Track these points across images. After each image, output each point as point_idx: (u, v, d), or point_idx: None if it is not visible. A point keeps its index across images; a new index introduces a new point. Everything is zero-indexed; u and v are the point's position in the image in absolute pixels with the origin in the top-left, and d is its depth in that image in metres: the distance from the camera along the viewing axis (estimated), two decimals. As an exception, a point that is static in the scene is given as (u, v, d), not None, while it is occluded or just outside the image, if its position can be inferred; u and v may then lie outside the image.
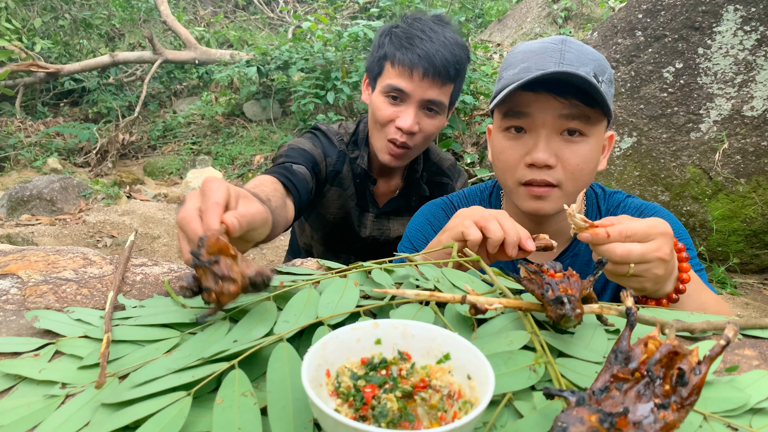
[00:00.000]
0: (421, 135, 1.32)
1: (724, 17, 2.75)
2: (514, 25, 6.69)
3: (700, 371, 0.40)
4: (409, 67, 1.25)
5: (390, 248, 1.52)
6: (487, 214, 0.80)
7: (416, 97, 1.28)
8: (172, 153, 5.93)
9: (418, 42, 1.25)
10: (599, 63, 0.96)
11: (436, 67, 1.24)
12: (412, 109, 1.29)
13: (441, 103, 1.31)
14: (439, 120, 1.34)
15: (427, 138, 1.34)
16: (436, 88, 1.28)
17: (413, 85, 1.27)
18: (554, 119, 0.93)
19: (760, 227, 2.79)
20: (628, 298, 0.53)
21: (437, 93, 1.29)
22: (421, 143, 1.35)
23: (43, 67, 5.99)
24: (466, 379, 0.45)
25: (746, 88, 2.72)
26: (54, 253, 0.83)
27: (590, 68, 0.94)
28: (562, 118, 0.93)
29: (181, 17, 7.63)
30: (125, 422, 0.43)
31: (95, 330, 0.59)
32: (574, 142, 0.95)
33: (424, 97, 1.28)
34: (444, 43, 1.26)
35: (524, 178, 0.96)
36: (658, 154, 2.90)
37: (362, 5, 7.48)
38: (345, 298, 0.64)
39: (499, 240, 0.77)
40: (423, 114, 1.31)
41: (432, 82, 1.27)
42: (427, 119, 1.32)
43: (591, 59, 0.95)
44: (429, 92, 1.28)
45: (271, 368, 0.49)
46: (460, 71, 1.31)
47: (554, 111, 0.93)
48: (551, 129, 0.94)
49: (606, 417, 0.37)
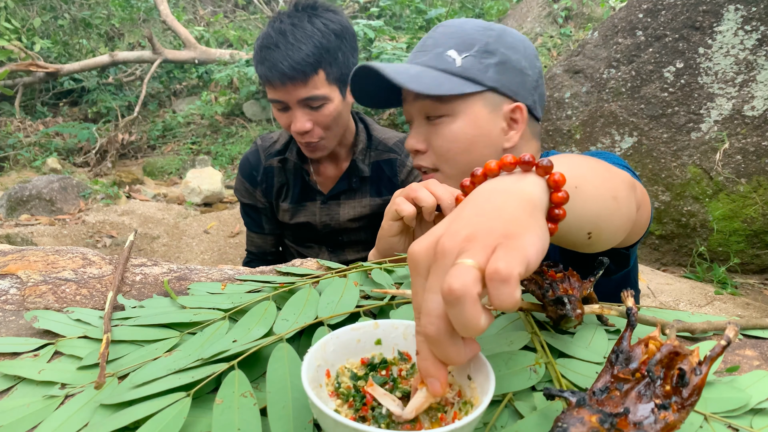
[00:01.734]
0: (318, 128, 1.33)
1: (724, 17, 2.75)
2: (515, 25, 6.69)
3: (701, 372, 0.40)
4: (267, 79, 1.28)
5: (346, 233, 1.53)
6: (416, 185, 0.79)
7: (292, 102, 1.29)
8: (172, 153, 5.93)
9: (267, 53, 1.26)
10: (465, 38, 0.95)
11: (285, 74, 1.25)
12: (297, 112, 1.31)
13: (318, 96, 1.29)
14: (330, 105, 1.32)
15: (329, 125, 1.34)
16: (301, 88, 1.27)
17: (281, 93, 1.29)
18: (409, 106, 0.98)
19: (760, 227, 2.79)
20: (629, 298, 0.52)
21: (306, 90, 1.28)
22: (328, 132, 1.36)
23: (42, 67, 5.99)
24: (467, 379, 0.45)
25: (747, 88, 2.72)
26: (53, 253, 0.83)
27: (449, 47, 0.95)
28: (414, 103, 0.97)
29: (180, 17, 7.63)
30: (125, 423, 0.43)
31: (95, 330, 0.59)
32: (437, 124, 0.96)
33: (298, 98, 1.29)
34: (290, 44, 1.26)
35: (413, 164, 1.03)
36: (659, 154, 2.90)
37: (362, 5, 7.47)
38: (345, 298, 0.64)
39: (432, 205, 0.76)
40: (309, 111, 1.31)
41: (293, 86, 1.27)
42: (316, 113, 1.32)
43: (454, 38, 0.96)
44: (298, 93, 1.28)
45: (271, 368, 0.49)
46: (319, 59, 1.27)
47: (407, 98, 0.98)
48: (418, 115, 0.98)
49: (606, 417, 0.37)
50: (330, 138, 1.38)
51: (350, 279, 0.68)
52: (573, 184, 0.49)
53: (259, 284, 0.72)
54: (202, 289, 0.70)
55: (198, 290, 0.70)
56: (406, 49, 5.26)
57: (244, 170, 1.55)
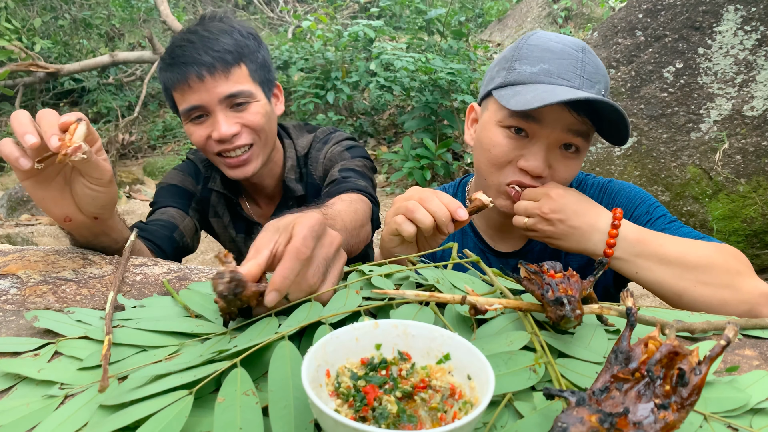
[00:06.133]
0: (248, 131, 1.19)
1: (724, 17, 2.75)
2: (514, 25, 6.69)
3: (701, 371, 0.40)
4: (183, 79, 1.14)
5: None
6: (412, 204, 0.80)
7: (214, 102, 1.16)
8: (172, 153, 5.93)
9: (180, 52, 1.16)
10: (607, 80, 0.97)
11: (206, 63, 1.13)
12: (218, 116, 1.16)
13: (244, 92, 1.17)
14: (256, 107, 1.19)
15: (258, 128, 1.20)
16: (223, 81, 1.15)
17: (200, 94, 1.15)
18: (561, 132, 0.92)
19: (760, 227, 2.79)
20: (629, 298, 0.53)
21: (230, 85, 1.16)
22: (258, 137, 1.21)
23: (42, 67, 5.99)
24: (467, 379, 0.45)
25: (746, 88, 2.72)
26: (54, 253, 0.83)
27: (602, 86, 0.95)
28: (569, 133, 0.92)
29: (181, 17, 7.62)
30: (126, 422, 0.43)
31: (95, 330, 0.59)
32: (570, 157, 0.95)
33: (221, 96, 1.15)
34: (205, 38, 1.16)
35: (509, 179, 0.96)
36: (659, 154, 2.90)
37: (362, 5, 7.47)
38: (347, 305, 0.64)
39: (430, 226, 0.78)
40: (233, 112, 1.18)
41: (214, 79, 1.14)
42: (243, 113, 1.18)
43: (603, 75, 0.95)
44: (219, 89, 1.15)
45: (273, 367, 0.49)
46: (240, 52, 1.18)
47: (564, 124, 0.92)
48: (554, 140, 0.93)
49: (606, 417, 0.37)
50: (259, 147, 1.22)
51: (351, 288, 0.67)
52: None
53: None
54: (202, 290, 0.70)
55: (198, 291, 0.70)
56: (405, 49, 5.26)
57: (187, 169, 1.39)
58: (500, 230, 1.13)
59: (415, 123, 4.58)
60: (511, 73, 0.96)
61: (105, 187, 0.75)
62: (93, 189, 0.75)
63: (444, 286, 0.69)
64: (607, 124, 0.92)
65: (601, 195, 1.10)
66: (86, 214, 0.79)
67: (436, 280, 0.70)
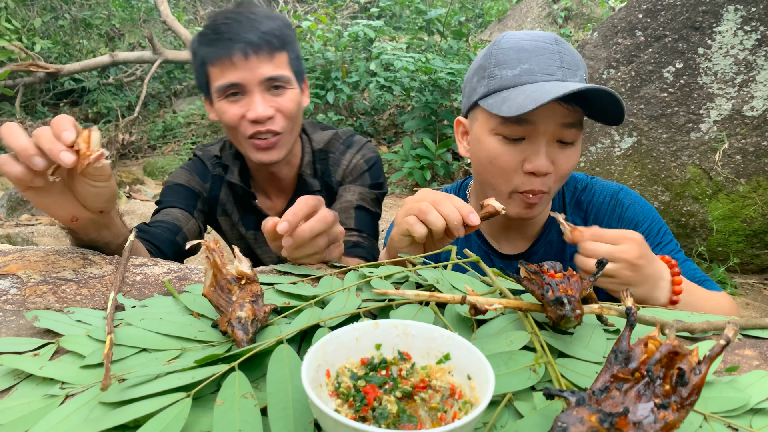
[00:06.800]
0: (281, 116, 1.20)
1: (724, 17, 2.75)
2: (514, 25, 6.70)
3: (700, 371, 0.40)
4: (227, 55, 1.14)
5: None
6: (425, 206, 0.80)
7: (254, 82, 1.16)
8: (172, 153, 5.93)
9: (225, 28, 1.15)
10: (584, 64, 0.97)
11: (253, 42, 1.14)
12: (256, 96, 1.17)
13: (282, 76, 1.18)
14: (291, 94, 1.21)
15: (290, 117, 1.21)
16: (267, 63, 1.16)
17: (242, 72, 1.15)
18: (555, 127, 0.92)
19: (760, 227, 2.79)
20: (628, 298, 0.53)
21: (272, 68, 1.17)
22: (288, 125, 1.22)
23: (42, 67, 5.99)
24: (467, 379, 0.45)
25: (746, 88, 2.72)
26: (54, 253, 0.83)
27: (582, 71, 0.95)
28: (563, 126, 0.93)
29: (181, 17, 7.62)
30: (125, 420, 0.43)
31: (95, 330, 0.59)
32: (567, 148, 0.95)
33: (262, 77, 1.16)
34: (252, 19, 1.17)
35: (522, 186, 0.96)
36: (658, 154, 2.90)
37: (362, 5, 7.48)
38: (347, 307, 0.64)
39: (442, 229, 0.78)
40: (271, 95, 1.19)
41: (259, 59, 1.15)
42: (279, 98, 1.19)
43: (579, 60, 0.96)
44: (261, 70, 1.16)
45: (271, 369, 0.49)
46: (284, 38, 1.19)
47: (557, 119, 0.92)
48: (550, 136, 0.93)
49: (606, 417, 0.37)
50: (287, 135, 1.23)
51: (352, 291, 0.67)
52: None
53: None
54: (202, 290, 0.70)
55: (197, 292, 0.71)
56: (405, 49, 5.26)
57: (194, 167, 1.38)
58: (505, 233, 1.13)
59: (415, 123, 4.58)
60: (492, 80, 0.95)
61: (107, 181, 0.76)
62: (96, 186, 0.75)
63: (444, 287, 0.69)
64: (597, 107, 0.92)
65: (612, 203, 1.10)
66: (92, 210, 0.79)
67: (435, 281, 0.70)
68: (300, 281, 0.74)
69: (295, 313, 0.63)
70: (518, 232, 1.12)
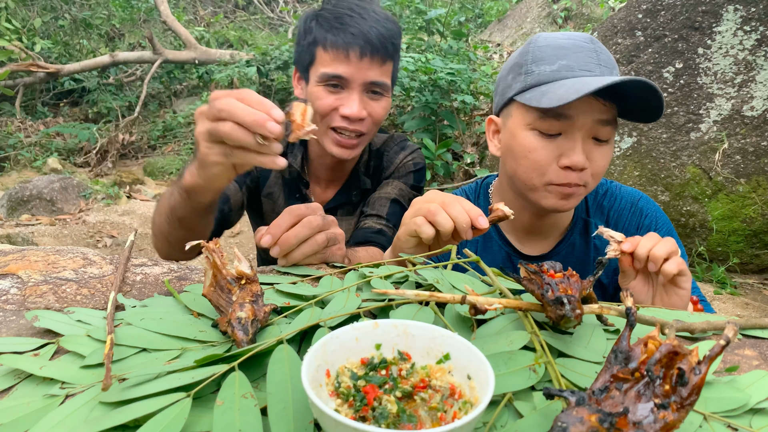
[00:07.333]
0: (370, 120, 1.22)
1: (724, 17, 2.75)
2: (514, 25, 6.70)
3: (700, 371, 0.40)
4: (344, 48, 1.14)
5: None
6: (434, 207, 0.80)
7: (358, 81, 1.17)
8: (172, 153, 5.93)
9: (349, 20, 1.15)
10: (616, 64, 0.99)
11: (373, 44, 1.14)
12: (355, 95, 1.18)
13: (384, 84, 1.21)
14: (385, 102, 1.24)
15: (376, 123, 1.25)
16: (377, 67, 1.18)
17: (352, 68, 1.16)
18: (592, 123, 0.93)
19: (760, 227, 2.79)
20: (628, 298, 0.53)
21: (379, 73, 1.19)
22: (372, 129, 1.26)
23: (43, 67, 5.99)
24: (466, 379, 0.45)
25: (746, 88, 2.72)
26: (54, 253, 0.83)
27: (617, 70, 0.97)
28: (599, 123, 0.94)
29: (181, 17, 7.63)
30: (124, 420, 0.43)
31: (96, 330, 0.59)
32: (602, 145, 0.97)
33: (367, 80, 1.18)
34: (376, 19, 1.17)
35: (558, 180, 0.96)
36: (658, 154, 2.90)
37: (362, 5, 7.46)
38: (347, 308, 0.64)
39: (450, 231, 0.79)
40: (368, 98, 1.21)
41: (371, 62, 1.17)
42: (374, 103, 1.21)
43: (613, 60, 0.97)
44: (370, 73, 1.17)
45: (271, 370, 0.49)
46: (397, 47, 1.22)
47: (594, 115, 0.93)
48: (586, 133, 0.94)
49: (606, 417, 0.37)
50: (367, 138, 1.27)
51: (352, 291, 0.67)
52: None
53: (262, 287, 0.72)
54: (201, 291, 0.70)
55: (197, 292, 0.71)
56: (405, 49, 5.26)
57: None
58: (529, 233, 1.13)
59: (415, 123, 4.58)
60: (529, 76, 0.96)
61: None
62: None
63: (444, 287, 0.69)
64: (631, 105, 0.94)
65: (633, 210, 1.12)
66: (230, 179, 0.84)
67: (435, 281, 0.70)
68: (300, 281, 0.74)
69: (295, 313, 0.63)
70: (541, 234, 1.12)
